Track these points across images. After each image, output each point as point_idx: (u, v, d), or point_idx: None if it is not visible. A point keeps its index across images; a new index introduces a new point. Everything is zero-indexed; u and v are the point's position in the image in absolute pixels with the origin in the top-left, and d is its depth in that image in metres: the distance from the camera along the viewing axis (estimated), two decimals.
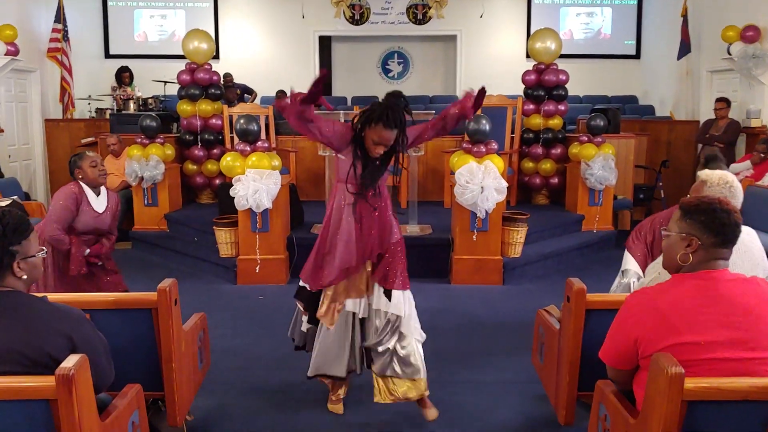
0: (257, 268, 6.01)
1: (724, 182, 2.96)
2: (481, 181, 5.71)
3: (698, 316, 2.05)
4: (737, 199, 2.89)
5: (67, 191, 4.05)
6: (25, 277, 2.09)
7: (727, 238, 2.13)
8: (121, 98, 9.59)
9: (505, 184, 5.82)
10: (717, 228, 2.12)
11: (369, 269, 3.44)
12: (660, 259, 2.94)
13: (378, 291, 3.41)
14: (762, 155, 7.21)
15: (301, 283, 3.61)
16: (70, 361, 1.93)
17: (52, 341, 2.03)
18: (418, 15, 12.25)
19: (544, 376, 3.19)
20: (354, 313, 3.46)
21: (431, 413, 3.41)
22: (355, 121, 3.30)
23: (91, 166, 4.09)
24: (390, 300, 3.38)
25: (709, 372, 2.00)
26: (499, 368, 4.12)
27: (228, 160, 6.16)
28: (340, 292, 3.44)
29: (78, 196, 4.06)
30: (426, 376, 3.44)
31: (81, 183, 4.11)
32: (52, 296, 2.64)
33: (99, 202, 4.18)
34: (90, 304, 2.74)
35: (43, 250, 2.19)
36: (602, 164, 7.17)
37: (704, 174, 2.94)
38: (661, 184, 8.69)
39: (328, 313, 3.44)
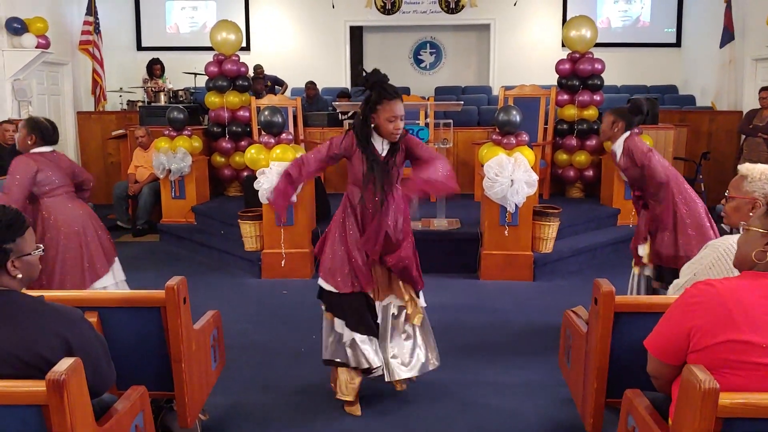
0: (282, 262, 5.93)
1: (767, 177, 2.75)
2: (510, 174, 5.53)
3: (764, 317, 1.87)
4: None
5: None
6: (20, 276, 2.01)
7: None
8: (152, 90, 9.60)
9: (535, 177, 5.62)
10: None
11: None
12: (696, 259, 2.77)
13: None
14: None
15: (324, 285, 3.44)
16: (63, 365, 1.84)
17: (46, 343, 1.94)
18: (451, 4, 12.02)
19: (571, 381, 3.03)
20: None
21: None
22: (358, 119, 3.28)
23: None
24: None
25: (760, 379, 1.83)
26: (525, 369, 3.96)
27: (252, 153, 6.09)
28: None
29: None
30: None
31: None
32: (56, 294, 2.57)
33: None
34: (98, 302, 2.67)
35: (39, 247, 2.10)
36: None
37: (744, 168, 2.73)
38: (701, 177, 8.37)
39: None
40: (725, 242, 2.66)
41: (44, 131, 4.04)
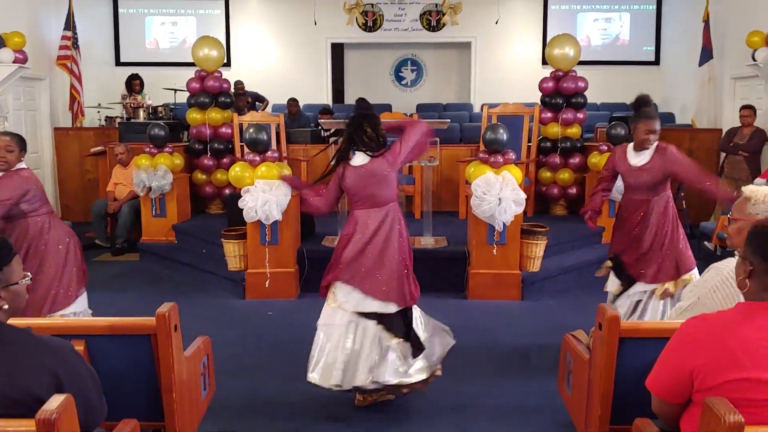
0: (266, 283, 5.82)
1: None
2: (498, 193, 5.50)
3: (765, 350, 1.83)
4: None
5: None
6: (6, 306, 1.90)
7: None
8: (131, 106, 9.46)
9: (523, 195, 5.60)
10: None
11: None
12: (700, 282, 2.73)
13: None
14: None
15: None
16: (53, 402, 1.73)
17: (35, 379, 1.83)
18: (432, 22, 12.06)
19: (573, 407, 2.96)
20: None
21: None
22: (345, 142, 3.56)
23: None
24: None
25: None
26: (520, 393, 3.90)
27: (237, 171, 5.99)
28: None
29: None
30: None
31: None
32: (42, 322, 2.46)
33: None
34: (85, 330, 2.56)
35: (27, 276, 1.99)
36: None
37: (749, 190, 2.70)
38: (682, 194, 8.42)
39: None
40: (729, 265, 2.62)
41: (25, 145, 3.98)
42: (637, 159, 4.09)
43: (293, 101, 10.16)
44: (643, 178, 4.03)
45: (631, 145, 4.20)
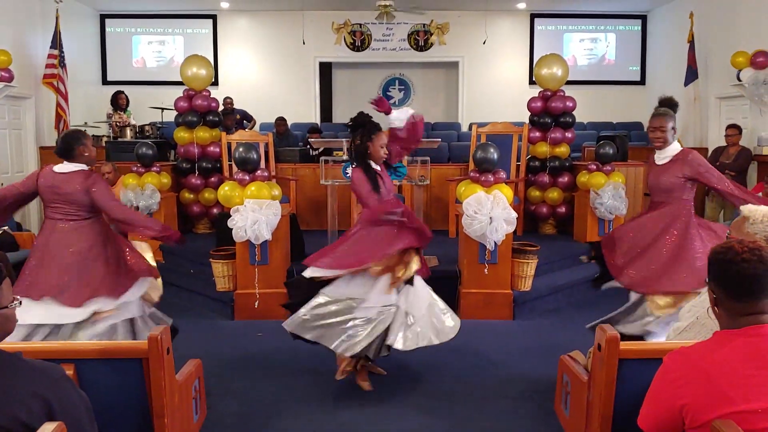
0: (256, 303, 5.75)
1: None
2: (489, 212, 5.48)
3: (750, 380, 1.81)
4: None
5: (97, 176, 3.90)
6: None
7: (744, 290, 1.87)
8: (117, 125, 9.39)
9: (514, 214, 5.59)
10: (729, 281, 1.89)
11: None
12: (698, 302, 2.71)
13: None
14: None
15: None
16: (45, 431, 1.68)
17: (26, 406, 1.77)
18: (420, 41, 12.13)
19: (570, 429, 2.93)
20: None
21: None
22: (355, 146, 4.11)
23: (92, 145, 3.98)
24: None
25: None
26: (516, 415, 3.84)
27: (226, 190, 5.94)
28: None
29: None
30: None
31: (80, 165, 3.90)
32: (31, 346, 2.40)
33: None
34: (74, 354, 2.50)
35: (17, 299, 1.94)
36: (612, 193, 6.96)
37: (747, 209, 2.68)
38: None
39: None
40: None
41: None
42: (660, 158, 4.02)
43: (281, 120, 10.13)
44: (661, 178, 3.94)
45: None
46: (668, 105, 4.14)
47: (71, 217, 3.80)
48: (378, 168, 4.11)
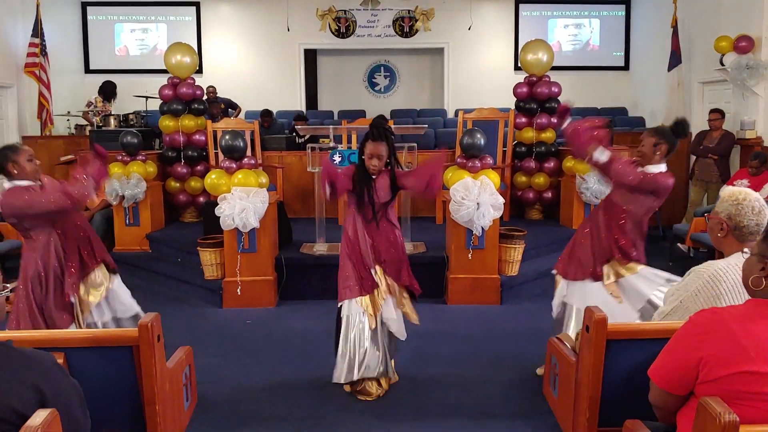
0: (238, 290, 5.74)
1: (734, 199, 2.74)
2: (477, 197, 5.50)
3: None
4: (744, 217, 2.65)
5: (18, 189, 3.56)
6: None
7: None
8: (99, 113, 9.28)
9: (501, 200, 5.61)
10: None
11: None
12: (681, 286, 2.74)
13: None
14: (754, 169, 7.14)
15: None
16: (38, 418, 1.68)
17: (17, 394, 1.77)
18: (405, 28, 12.09)
19: (559, 410, 2.96)
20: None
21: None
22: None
23: (28, 160, 3.62)
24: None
25: None
26: (503, 398, 3.89)
27: (213, 178, 5.92)
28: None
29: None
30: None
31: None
32: (21, 335, 2.39)
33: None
34: (65, 342, 2.49)
35: (6, 287, 1.93)
36: (598, 178, 6.99)
37: (722, 190, 2.75)
38: None
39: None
40: (709, 268, 2.64)
41: None
42: None
43: (267, 114, 10.01)
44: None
45: None
46: (679, 127, 3.85)
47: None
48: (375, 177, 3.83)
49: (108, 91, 9.71)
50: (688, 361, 1.93)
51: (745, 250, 2.17)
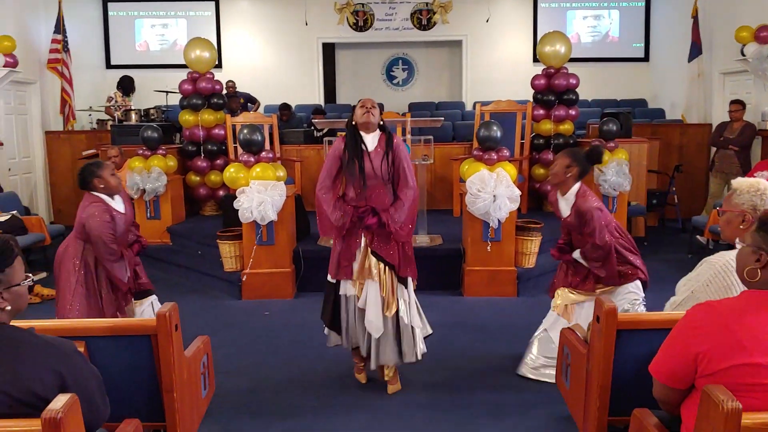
0: (243, 278, 5.80)
1: (755, 189, 2.74)
2: (493, 190, 5.52)
3: None
4: None
5: (98, 207, 3.70)
6: (8, 308, 1.91)
7: None
8: (120, 108, 9.41)
9: (518, 192, 5.63)
10: None
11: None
12: (693, 276, 2.75)
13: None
14: None
15: None
16: (59, 402, 1.74)
17: (39, 379, 1.84)
18: (423, 20, 12.08)
19: (571, 400, 2.99)
20: None
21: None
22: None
23: (111, 174, 3.78)
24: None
25: None
26: (518, 388, 3.92)
27: (231, 172, 6.00)
28: None
29: (107, 206, 3.74)
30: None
31: (98, 194, 3.76)
32: (42, 324, 2.46)
33: (118, 203, 3.85)
34: (85, 331, 2.56)
35: (29, 277, 2.00)
36: (616, 170, 6.97)
37: (735, 182, 2.73)
38: (674, 189, 8.48)
39: None
40: (722, 258, 2.64)
41: None
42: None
43: (285, 108, 10.09)
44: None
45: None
46: (593, 154, 3.83)
47: None
48: (373, 144, 3.70)
49: (126, 86, 9.82)
50: (686, 357, 1.96)
51: (738, 240, 2.17)
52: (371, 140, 3.71)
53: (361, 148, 3.67)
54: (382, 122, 3.77)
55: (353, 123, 3.73)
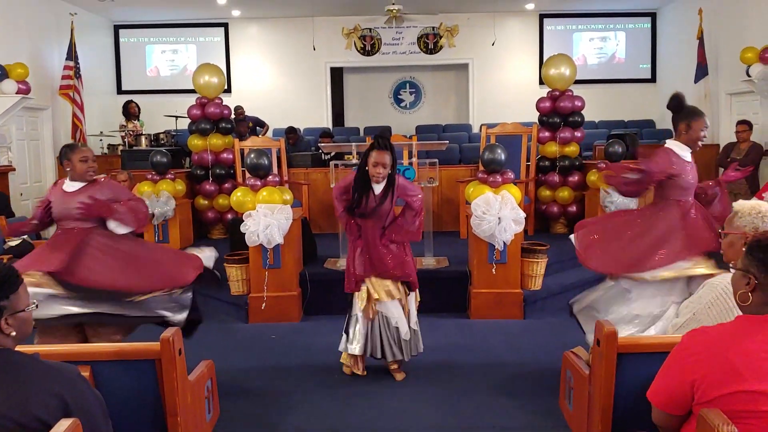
0: (263, 305, 5.83)
1: (756, 212, 2.76)
2: (498, 212, 5.54)
3: (765, 362, 1.86)
4: None
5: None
6: (13, 333, 1.94)
7: None
8: (131, 134, 9.54)
9: (523, 214, 5.64)
10: None
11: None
12: (695, 298, 2.76)
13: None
14: None
15: None
16: (61, 427, 1.77)
17: (43, 404, 1.86)
18: (429, 44, 12.20)
19: (574, 423, 2.99)
20: None
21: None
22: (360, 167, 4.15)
23: (81, 160, 3.72)
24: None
25: None
26: (524, 411, 3.90)
27: (238, 196, 6.05)
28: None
29: (54, 187, 3.85)
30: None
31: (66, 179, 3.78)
32: (47, 349, 2.50)
33: (69, 186, 3.80)
34: (90, 356, 2.60)
35: (33, 303, 2.03)
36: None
37: (737, 204, 2.75)
38: None
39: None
40: (723, 281, 2.65)
41: None
42: (688, 156, 3.83)
43: (291, 131, 10.15)
44: (695, 175, 3.80)
45: (677, 144, 3.87)
46: (676, 103, 3.95)
47: None
48: (377, 187, 4.15)
49: (124, 111, 9.95)
50: (682, 384, 1.97)
51: (732, 264, 2.18)
52: (378, 187, 4.15)
53: (369, 188, 4.13)
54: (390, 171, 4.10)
55: (365, 168, 4.09)
